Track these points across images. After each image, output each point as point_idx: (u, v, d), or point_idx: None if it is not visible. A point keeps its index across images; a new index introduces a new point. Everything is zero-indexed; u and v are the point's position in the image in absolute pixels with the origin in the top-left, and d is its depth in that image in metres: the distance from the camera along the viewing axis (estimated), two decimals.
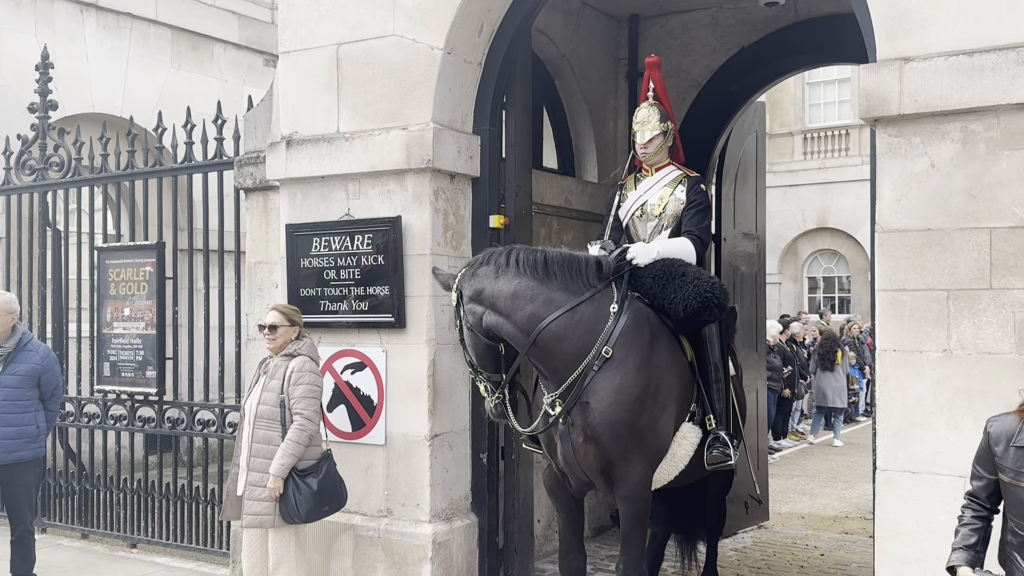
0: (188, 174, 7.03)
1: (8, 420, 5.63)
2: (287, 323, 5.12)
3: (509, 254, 4.69)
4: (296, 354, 5.08)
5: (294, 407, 4.98)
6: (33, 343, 5.86)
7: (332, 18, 5.75)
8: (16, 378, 5.68)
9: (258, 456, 4.99)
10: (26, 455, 5.72)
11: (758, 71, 7.63)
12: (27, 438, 5.70)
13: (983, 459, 3.07)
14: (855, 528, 8.11)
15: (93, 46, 10.94)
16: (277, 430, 4.99)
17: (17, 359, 5.71)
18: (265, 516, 4.97)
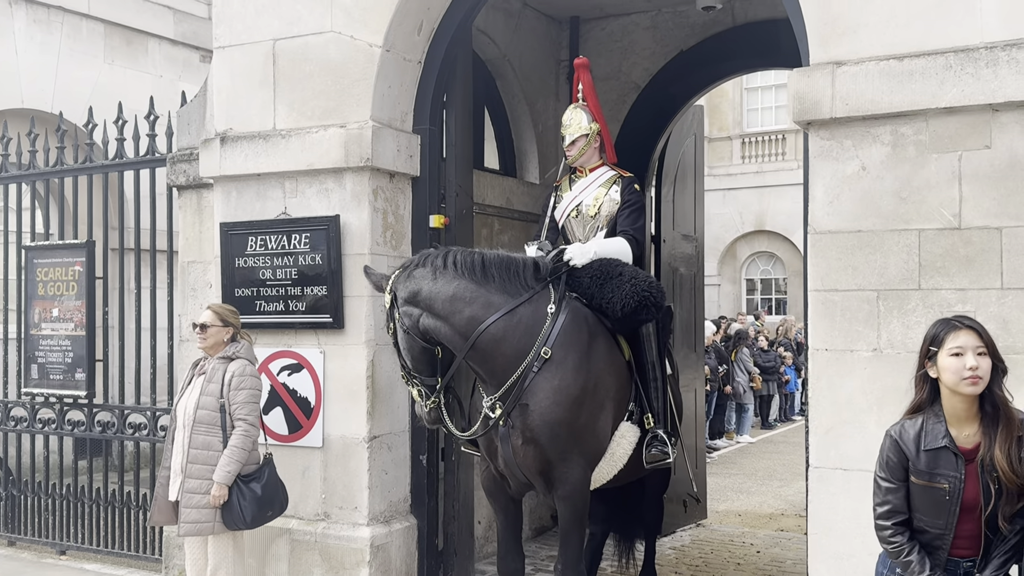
0: (119, 171, 6.87)
1: None
2: (219, 323, 5.02)
3: (446, 256, 4.66)
4: (234, 357, 4.99)
5: (236, 412, 4.89)
6: None
7: (268, 13, 5.66)
8: None
9: (196, 462, 4.87)
10: None
11: (696, 75, 7.72)
12: None
13: (895, 468, 3.03)
14: (791, 525, 8.24)
15: (22, 40, 10.63)
16: (217, 435, 4.89)
17: None
18: (204, 524, 4.87)
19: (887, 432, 3.09)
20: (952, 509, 2.94)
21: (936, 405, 3.01)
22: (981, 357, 2.91)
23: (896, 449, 3.03)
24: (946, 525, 2.96)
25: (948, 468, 2.94)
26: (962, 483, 2.92)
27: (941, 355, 2.95)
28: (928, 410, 3.03)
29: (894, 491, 3.03)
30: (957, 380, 2.92)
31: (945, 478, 2.94)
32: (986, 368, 2.91)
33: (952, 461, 2.94)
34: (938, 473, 2.95)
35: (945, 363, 2.94)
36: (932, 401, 3.03)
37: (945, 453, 2.95)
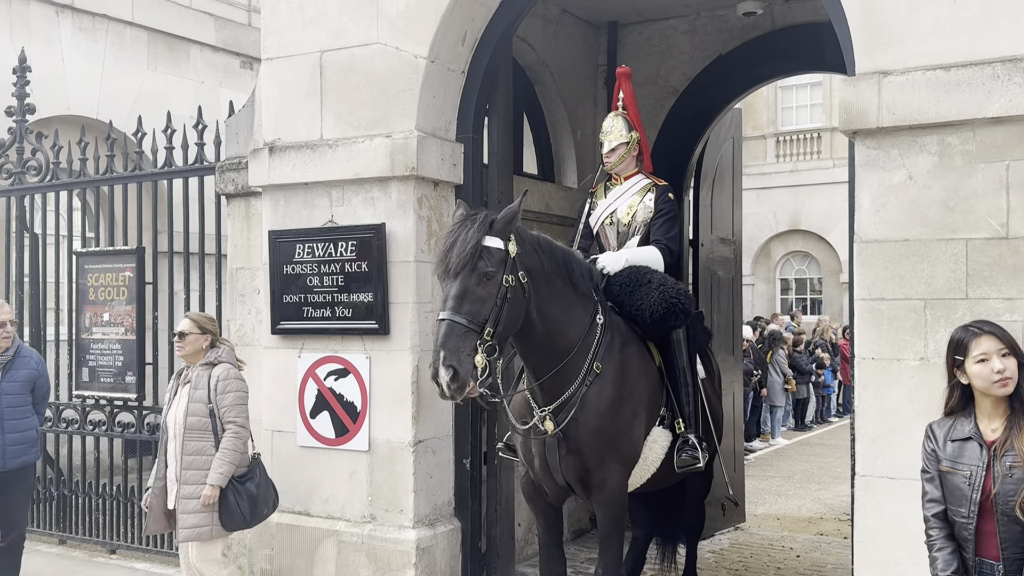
0: (168, 179, 7.01)
1: (12, 426, 5.71)
2: (197, 330, 5.11)
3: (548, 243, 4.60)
4: (217, 362, 5.06)
5: (225, 416, 4.97)
6: (25, 348, 5.95)
7: (315, 25, 5.76)
8: (17, 384, 5.78)
9: (191, 468, 4.95)
10: (29, 459, 5.83)
11: (735, 78, 7.73)
12: (29, 443, 5.81)
13: (929, 457, 3.21)
14: (830, 529, 8.23)
15: (69, 48, 10.86)
16: (209, 440, 4.97)
17: (15, 365, 5.80)
18: (203, 528, 4.94)
19: (927, 426, 3.27)
20: (972, 496, 3.05)
21: (969, 407, 3.17)
22: (1006, 359, 3.06)
23: (930, 438, 3.21)
24: (968, 513, 3.07)
25: (972, 457, 3.08)
26: (983, 471, 3.04)
27: (968, 363, 3.10)
28: (960, 412, 3.19)
29: (929, 480, 3.20)
30: (988, 384, 3.07)
31: (967, 466, 3.08)
32: (1013, 368, 3.06)
33: (976, 451, 3.08)
34: (961, 461, 3.10)
35: (973, 370, 3.09)
36: (964, 405, 3.18)
37: (971, 443, 3.10)
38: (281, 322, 5.86)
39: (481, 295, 4.09)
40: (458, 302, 4.05)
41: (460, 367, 3.95)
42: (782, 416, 14.33)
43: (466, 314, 4.03)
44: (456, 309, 4.03)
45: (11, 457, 5.70)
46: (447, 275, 4.13)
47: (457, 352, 3.96)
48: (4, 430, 5.68)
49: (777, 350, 13.81)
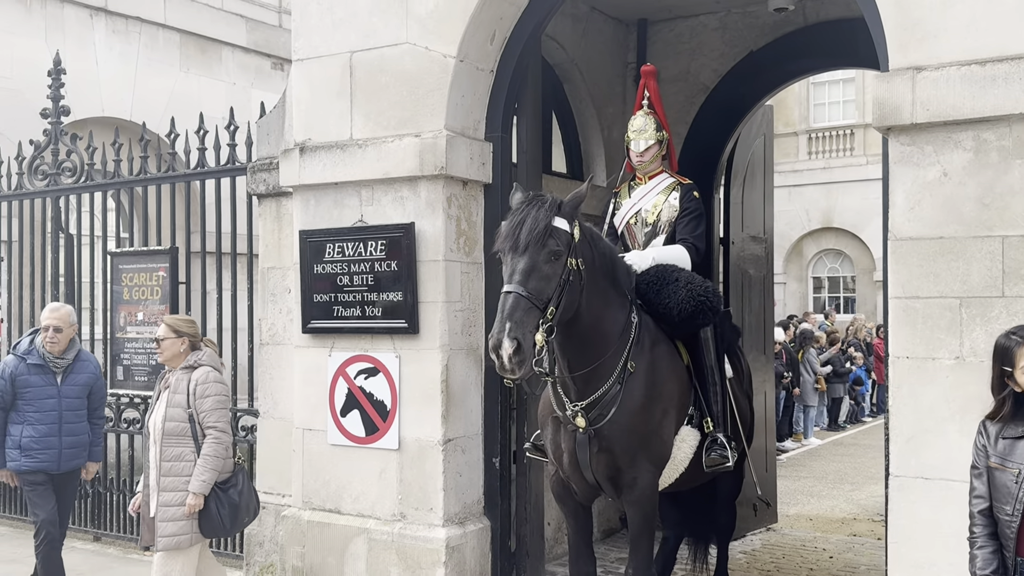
0: (201, 180, 7.08)
1: (69, 430, 5.82)
2: (172, 335, 5.05)
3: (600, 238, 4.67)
4: (197, 365, 4.99)
5: (205, 420, 4.89)
6: (84, 353, 6.03)
7: (345, 26, 5.79)
8: (76, 388, 5.88)
9: (169, 475, 4.88)
10: (80, 463, 5.95)
11: (767, 75, 7.67)
12: (83, 446, 5.92)
13: (979, 452, 3.21)
14: (863, 530, 8.14)
15: (102, 50, 11.00)
16: (189, 445, 4.91)
17: (75, 370, 5.89)
18: (182, 536, 4.86)
19: (980, 422, 3.28)
20: (1019, 495, 3.06)
21: (1020, 412, 3.15)
22: None
23: (981, 433, 3.22)
24: (1012, 512, 3.08)
25: (1021, 456, 3.09)
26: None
27: (1017, 373, 3.12)
28: (1011, 419, 3.18)
29: (978, 475, 3.21)
30: None
31: (1017, 464, 3.09)
32: None
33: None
34: (1011, 459, 3.11)
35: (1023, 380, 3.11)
36: (1014, 414, 3.17)
37: (1022, 442, 3.10)
38: (311, 321, 5.90)
39: (547, 273, 4.09)
40: (525, 276, 4.03)
41: (524, 341, 3.92)
42: (815, 416, 14.20)
43: (532, 290, 4.02)
44: (523, 283, 4.01)
45: (66, 460, 5.81)
46: (515, 250, 4.10)
47: (522, 325, 3.93)
48: (62, 433, 5.78)
49: (808, 349, 13.69)
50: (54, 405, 5.81)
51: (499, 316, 3.98)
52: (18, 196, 8.23)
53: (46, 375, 5.82)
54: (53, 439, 5.78)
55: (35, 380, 5.82)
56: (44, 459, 5.77)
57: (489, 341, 4.00)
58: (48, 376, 5.83)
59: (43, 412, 5.79)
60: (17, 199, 8.26)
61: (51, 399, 5.81)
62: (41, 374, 5.83)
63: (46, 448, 5.78)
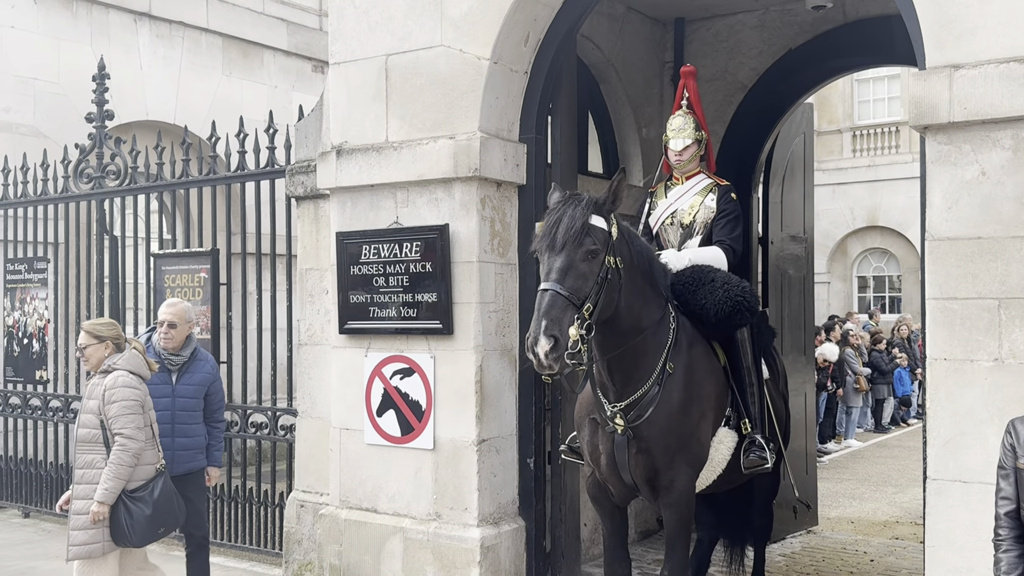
0: (241, 182, 7.18)
1: (183, 431, 5.52)
2: (94, 340, 4.93)
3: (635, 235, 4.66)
4: (111, 369, 4.86)
5: (112, 426, 4.75)
6: (201, 352, 5.75)
7: (381, 29, 5.84)
8: (191, 388, 5.58)
9: (81, 482, 4.79)
10: (197, 465, 5.62)
11: (805, 73, 7.59)
12: (199, 448, 5.62)
13: (1007, 453, 3.13)
14: (906, 533, 8.03)
15: (147, 55, 11.21)
16: (100, 452, 4.80)
17: (191, 369, 5.60)
18: (93, 545, 4.75)
19: (1010, 422, 3.20)
20: None
21: None
22: None
23: (1010, 433, 3.14)
24: None
25: None
26: None
27: None
28: None
29: (1005, 476, 3.14)
30: None
31: None
32: None
33: None
34: None
35: None
36: None
37: None
38: (348, 322, 5.96)
39: (584, 271, 4.09)
40: (561, 275, 4.04)
41: (561, 337, 3.93)
42: (857, 417, 14.01)
43: (569, 287, 4.02)
44: (560, 281, 4.03)
45: (180, 462, 5.46)
46: (552, 249, 4.11)
47: (559, 322, 3.94)
48: (175, 434, 5.45)
49: (846, 349, 13.51)
50: (167, 404, 5.46)
51: (536, 314, 4.00)
52: (64, 199, 8.41)
53: (161, 373, 5.47)
54: (166, 440, 5.38)
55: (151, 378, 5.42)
56: None
57: (526, 339, 4.01)
58: (163, 374, 5.49)
59: (157, 411, 5.36)
60: (63, 202, 8.45)
61: (165, 398, 5.46)
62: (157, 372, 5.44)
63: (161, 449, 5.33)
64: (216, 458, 5.76)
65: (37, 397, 8.56)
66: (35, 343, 8.58)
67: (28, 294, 8.67)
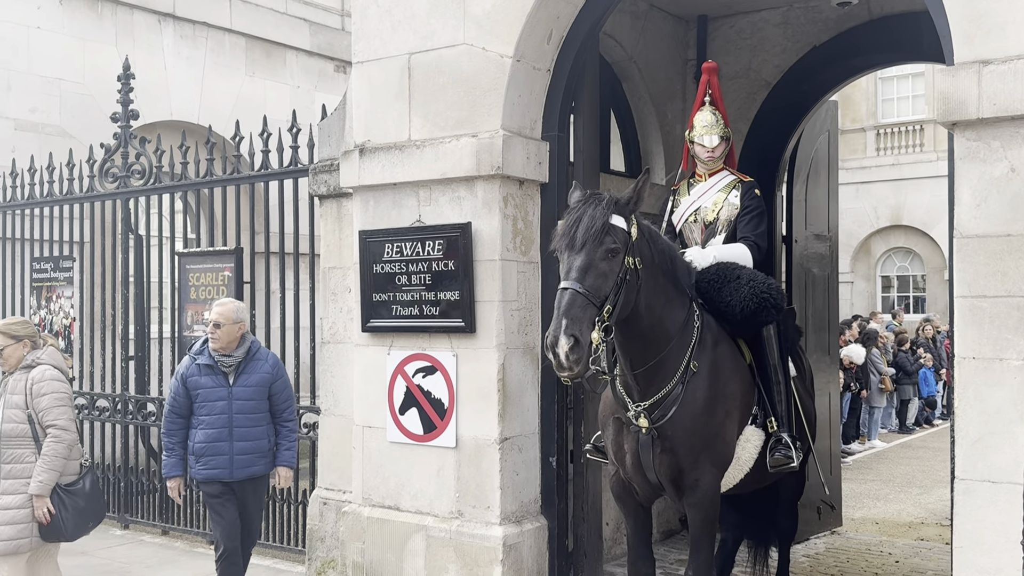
0: (265, 181, 7.22)
1: (242, 434, 5.38)
2: (11, 341, 4.94)
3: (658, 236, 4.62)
4: (34, 364, 4.87)
5: (44, 419, 4.77)
6: (261, 352, 5.62)
7: (404, 28, 5.85)
8: (248, 390, 5.41)
9: (9, 478, 4.75)
10: (258, 470, 5.48)
11: (830, 71, 7.53)
12: (259, 453, 5.46)
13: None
14: (931, 535, 7.95)
15: (171, 55, 11.28)
16: (30, 447, 4.80)
17: (247, 369, 5.45)
18: (22, 540, 4.75)
19: None
20: None
21: None
22: None
23: None
24: None
25: None
26: None
27: None
28: None
29: None
30: None
31: None
32: None
33: None
34: None
35: None
36: None
37: None
38: (371, 320, 5.97)
39: (604, 270, 4.07)
40: (581, 274, 4.02)
41: (581, 337, 3.89)
42: (880, 417, 13.90)
43: (589, 287, 4.00)
44: (579, 280, 4.00)
45: (239, 467, 5.36)
46: (571, 247, 4.09)
47: (579, 322, 3.91)
48: (233, 438, 5.35)
49: (872, 349, 13.41)
50: (224, 408, 5.35)
51: (556, 313, 3.98)
52: (89, 198, 8.48)
53: (216, 375, 5.39)
54: (223, 444, 5.33)
55: (205, 381, 5.40)
56: (215, 466, 5.36)
57: (546, 338, 3.99)
58: (218, 377, 5.39)
59: (213, 415, 5.35)
60: (88, 201, 8.52)
61: (221, 401, 5.36)
62: (211, 375, 5.39)
63: (216, 454, 5.35)
64: (286, 458, 5.59)
65: None
66: (61, 341, 8.65)
67: (54, 292, 8.75)
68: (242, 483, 5.40)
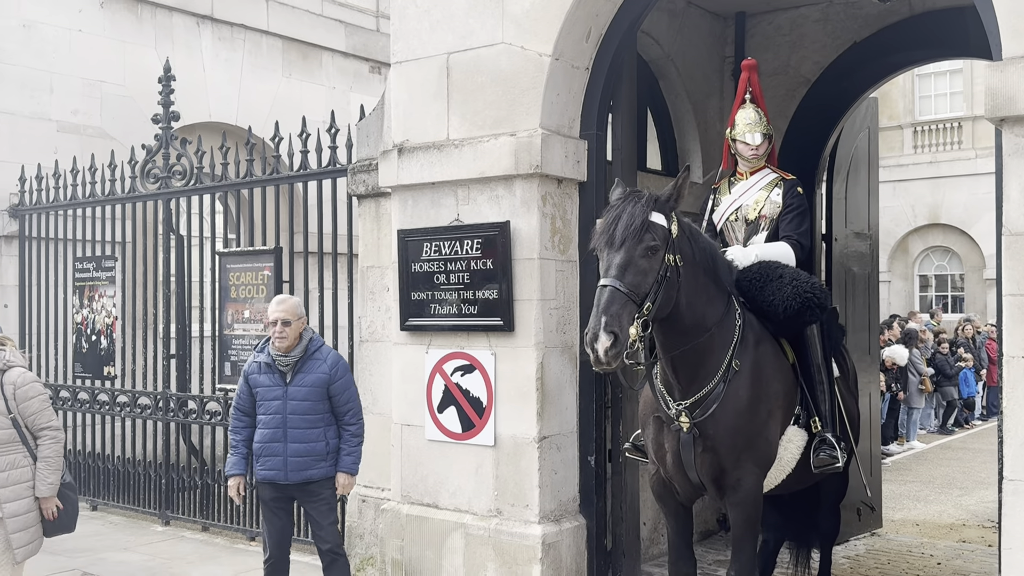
0: (303, 182, 7.28)
1: (296, 436, 5.15)
2: None
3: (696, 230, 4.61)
4: (7, 367, 4.77)
5: (35, 422, 4.76)
6: (322, 351, 5.32)
7: (442, 28, 5.87)
8: (303, 390, 5.18)
9: (9, 484, 4.70)
10: (314, 474, 5.20)
11: (871, 67, 7.45)
12: (317, 455, 5.20)
13: None
14: (973, 536, 7.84)
15: (209, 57, 11.41)
16: (21, 451, 4.75)
17: (304, 369, 5.20)
18: (35, 543, 4.80)
19: None
20: None
21: None
22: None
23: None
24: None
25: None
26: None
27: None
28: None
29: None
30: None
31: None
32: None
33: None
34: None
35: None
36: None
37: None
38: (409, 319, 5.99)
39: (644, 268, 4.08)
40: (621, 271, 4.03)
41: (621, 334, 3.91)
42: (919, 418, 13.73)
43: (628, 284, 4.00)
44: (619, 277, 4.01)
45: (293, 469, 5.15)
46: (611, 245, 4.09)
47: (618, 319, 3.92)
48: (287, 439, 5.15)
49: (912, 349, 13.24)
50: (279, 408, 5.17)
51: (595, 310, 3.98)
52: (131, 199, 8.59)
53: (273, 374, 5.22)
54: (277, 445, 5.15)
55: (263, 380, 5.24)
56: (270, 467, 5.18)
57: (585, 335, 4.00)
58: (275, 375, 5.22)
59: (268, 415, 5.20)
60: (130, 202, 8.63)
61: (276, 401, 5.18)
62: (269, 373, 5.22)
63: (271, 455, 5.18)
64: (346, 464, 5.28)
65: (105, 393, 8.77)
66: (103, 340, 8.79)
67: (96, 292, 8.88)
68: (298, 487, 5.24)
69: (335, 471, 5.27)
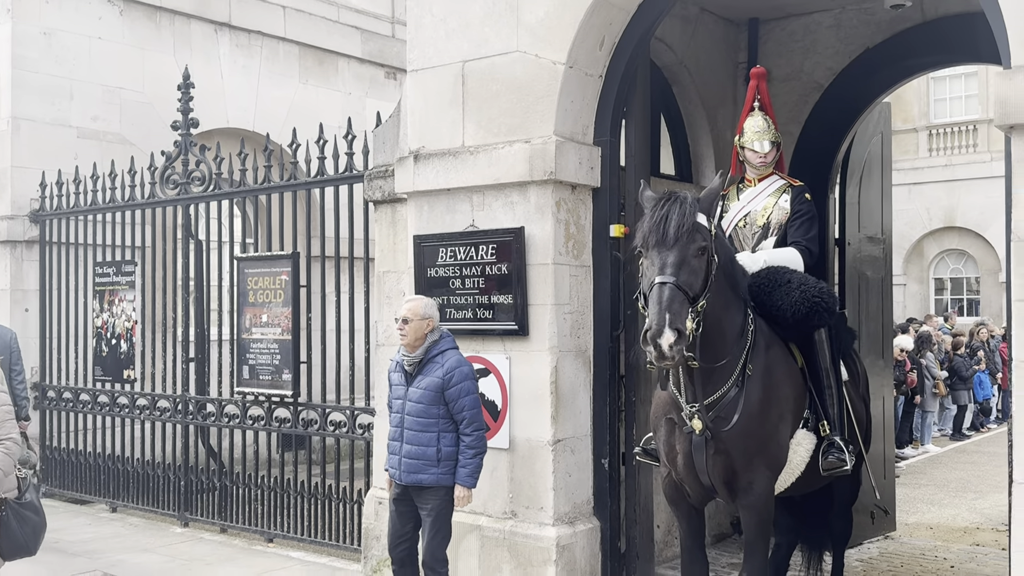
0: (321, 187, 7.37)
1: (411, 438, 5.08)
2: None
3: None
4: None
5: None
6: (446, 355, 5.14)
7: (458, 36, 5.95)
8: (419, 392, 5.09)
9: None
10: (424, 478, 5.06)
11: (883, 73, 7.48)
12: (429, 460, 5.05)
13: None
14: (987, 540, 7.85)
15: (227, 64, 11.53)
16: None
17: (424, 371, 5.12)
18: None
19: None
20: None
21: None
22: None
23: None
24: None
25: None
26: None
27: None
28: None
29: None
30: None
31: None
32: None
33: None
34: None
35: None
36: None
37: None
38: None
39: (695, 267, 4.16)
40: (676, 269, 4.09)
41: (684, 330, 3.99)
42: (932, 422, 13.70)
43: (683, 282, 4.08)
44: (676, 275, 4.07)
45: (406, 471, 5.07)
46: (663, 244, 4.14)
47: (680, 316, 4.00)
48: (403, 439, 5.11)
49: (926, 352, 13.22)
50: (400, 407, 5.17)
51: (656, 307, 4.01)
52: (151, 204, 8.70)
53: (400, 373, 5.21)
54: (396, 444, 5.15)
55: (395, 378, 5.26)
56: (392, 465, 5.21)
57: (645, 330, 4.03)
58: (402, 375, 5.20)
59: (394, 413, 5.22)
60: (150, 207, 8.74)
61: (399, 400, 5.18)
62: (399, 372, 5.22)
63: (392, 453, 5.19)
64: (460, 475, 5.06)
65: (124, 396, 8.88)
66: (123, 344, 8.90)
67: (116, 296, 9.00)
68: (414, 490, 5.15)
69: (451, 480, 5.09)
